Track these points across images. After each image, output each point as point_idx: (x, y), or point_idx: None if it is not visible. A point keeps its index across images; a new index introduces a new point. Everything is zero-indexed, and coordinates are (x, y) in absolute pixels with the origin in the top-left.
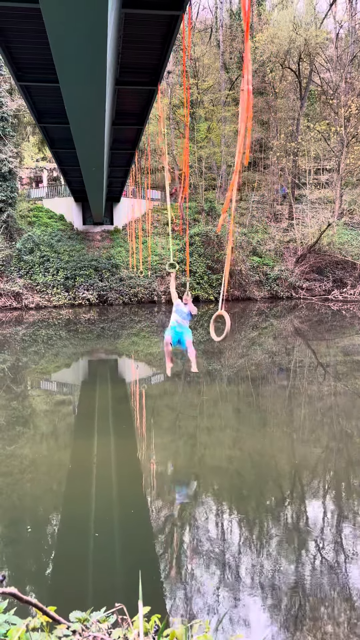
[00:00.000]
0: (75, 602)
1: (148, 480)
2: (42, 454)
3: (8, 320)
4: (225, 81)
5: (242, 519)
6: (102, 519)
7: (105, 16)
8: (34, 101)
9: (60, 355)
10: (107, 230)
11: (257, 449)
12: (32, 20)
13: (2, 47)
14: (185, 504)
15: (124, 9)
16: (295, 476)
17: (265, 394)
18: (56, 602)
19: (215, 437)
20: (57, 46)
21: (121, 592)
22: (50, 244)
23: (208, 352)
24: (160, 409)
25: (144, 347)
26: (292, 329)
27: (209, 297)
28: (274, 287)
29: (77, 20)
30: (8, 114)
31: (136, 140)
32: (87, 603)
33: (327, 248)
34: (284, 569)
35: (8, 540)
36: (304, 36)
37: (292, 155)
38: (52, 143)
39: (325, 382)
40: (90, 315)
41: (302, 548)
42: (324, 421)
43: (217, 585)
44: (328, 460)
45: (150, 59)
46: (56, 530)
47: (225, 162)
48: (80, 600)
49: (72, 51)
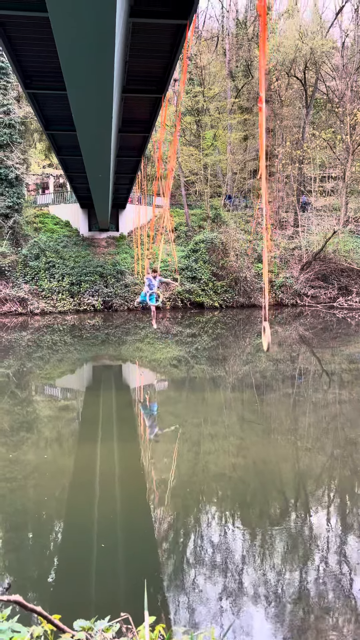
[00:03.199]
0: (78, 610)
1: (151, 487)
2: (45, 459)
3: (13, 325)
4: (231, 89)
5: (245, 527)
6: (105, 526)
7: (113, 26)
8: (42, 108)
9: (65, 361)
10: (112, 237)
11: (261, 457)
12: (40, 28)
13: (11, 55)
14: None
15: (131, 19)
16: (300, 484)
17: (269, 401)
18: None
19: (219, 444)
20: (65, 55)
21: (124, 601)
22: (55, 250)
23: (212, 359)
24: (164, 415)
25: (148, 354)
26: (297, 336)
27: (214, 303)
28: (279, 294)
29: (85, 29)
30: (15, 121)
31: (142, 148)
32: (90, 611)
33: (333, 255)
34: (288, 578)
35: (11, 547)
36: (310, 45)
37: (297, 162)
38: (59, 150)
39: (330, 389)
40: (95, 321)
41: (306, 557)
42: (329, 429)
43: (220, 594)
44: (333, 469)
45: (157, 67)
46: (59, 536)
47: (230, 169)
48: (83, 608)
49: (80, 60)
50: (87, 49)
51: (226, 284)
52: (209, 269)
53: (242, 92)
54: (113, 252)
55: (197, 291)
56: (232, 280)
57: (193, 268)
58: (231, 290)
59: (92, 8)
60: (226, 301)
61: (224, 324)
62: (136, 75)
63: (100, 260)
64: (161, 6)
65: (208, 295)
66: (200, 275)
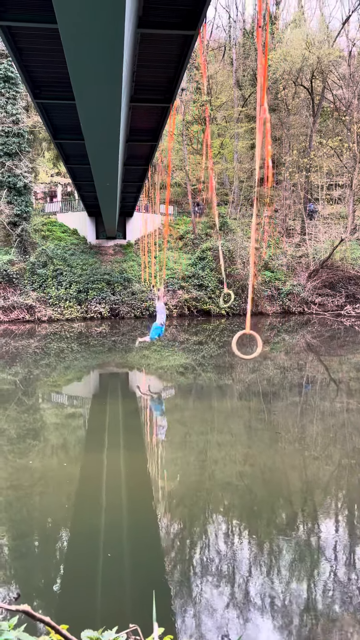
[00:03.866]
0: (84, 619)
1: (158, 496)
2: (52, 467)
3: (21, 333)
4: (238, 98)
5: (252, 536)
6: (112, 534)
7: (121, 37)
8: (50, 118)
9: (72, 369)
10: (119, 245)
11: (269, 465)
12: (49, 39)
13: (21, 65)
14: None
15: (140, 29)
16: (307, 493)
17: (276, 409)
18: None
19: (226, 452)
20: (74, 65)
21: (130, 610)
22: (63, 258)
23: (219, 367)
24: (171, 423)
25: (154, 361)
26: (304, 344)
27: (220, 311)
28: (286, 302)
29: (94, 40)
30: (24, 130)
31: (150, 156)
32: (96, 620)
33: (340, 263)
34: (295, 589)
35: (17, 554)
36: (317, 54)
37: (304, 171)
38: (67, 159)
39: (337, 398)
40: (102, 328)
41: (314, 568)
42: (337, 438)
43: (228, 605)
44: (340, 478)
45: (165, 77)
46: (65, 545)
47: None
48: (89, 618)
49: (89, 70)
50: (96, 59)
51: (233, 292)
52: (216, 276)
53: (249, 100)
54: (120, 259)
55: (204, 299)
56: (239, 288)
57: (200, 276)
58: (238, 298)
59: (101, 19)
60: (233, 309)
61: (231, 332)
62: (144, 85)
63: (107, 268)
64: (169, 17)
65: (215, 303)
66: (207, 283)
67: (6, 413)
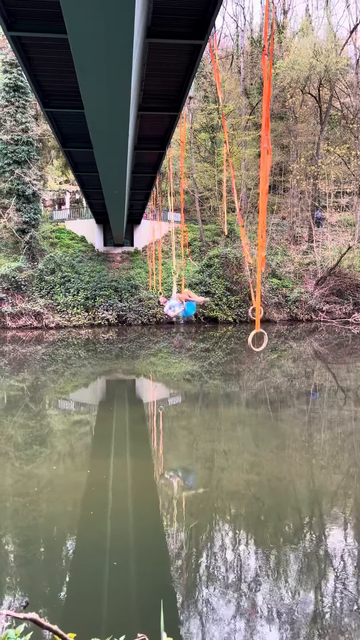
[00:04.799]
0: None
1: (164, 504)
2: (58, 474)
3: (28, 339)
4: (245, 106)
5: (259, 546)
6: (118, 542)
7: (130, 47)
8: (59, 126)
9: (79, 375)
10: (127, 252)
11: (276, 474)
12: (58, 49)
13: (30, 75)
14: (201, 528)
15: (148, 39)
16: (315, 503)
17: (284, 417)
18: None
19: (233, 460)
20: (83, 75)
21: (136, 618)
22: (71, 265)
23: (226, 374)
24: (177, 430)
25: (162, 368)
26: (311, 351)
27: (228, 318)
28: (294, 309)
29: (103, 50)
30: (33, 139)
31: (157, 164)
32: (102, 628)
33: (348, 271)
34: (303, 599)
35: (23, 561)
36: (325, 63)
37: (312, 178)
38: (76, 167)
39: (345, 406)
40: (109, 335)
41: (321, 577)
42: (345, 446)
43: (235, 614)
44: (348, 487)
45: (173, 85)
46: (71, 552)
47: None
48: (94, 626)
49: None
50: (105, 69)
51: (240, 299)
52: (223, 283)
53: (256, 109)
54: (127, 267)
55: (211, 306)
56: (246, 295)
57: (207, 283)
58: (245, 305)
59: (110, 30)
60: (240, 316)
61: (238, 339)
62: (152, 94)
63: (115, 275)
64: (178, 27)
65: (222, 310)
66: (214, 290)
67: (13, 419)
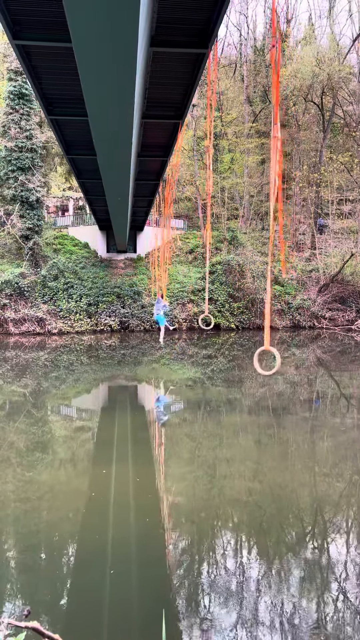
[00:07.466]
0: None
1: (166, 511)
2: (60, 480)
3: (31, 345)
4: (248, 114)
5: (261, 554)
6: (119, 549)
7: (134, 55)
8: (63, 134)
9: (81, 381)
10: (130, 258)
11: (278, 482)
12: (63, 58)
13: (34, 83)
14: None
15: (152, 48)
16: (317, 511)
17: (286, 424)
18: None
19: (235, 468)
20: (87, 82)
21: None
22: (74, 271)
23: (229, 381)
24: (180, 437)
25: (164, 374)
26: (314, 359)
27: (230, 325)
28: (296, 316)
29: (107, 59)
30: (37, 146)
31: (161, 172)
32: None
33: (351, 278)
34: (305, 608)
35: (23, 568)
36: (327, 71)
37: (314, 186)
38: (79, 174)
39: (348, 414)
40: (112, 341)
41: (323, 586)
42: (347, 454)
43: (236, 624)
44: (351, 495)
45: (176, 93)
46: (72, 560)
47: (247, 192)
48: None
49: (102, 87)
50: (109, 77)
51: (242, 306)
52: (226, 290)
53: (259, 116)
54: (130, 273)
55: (214, 312)
56: (249, 302)
57: (209, 289)
58: (247, 312)
59: (114, 39)
60: (242, 323)
61: (240, 346)
62: (156, 101)
63: (117, 281)
64: (181, 36)
65: (224, 317)
66: (217, 296)
67: (15, 425)
